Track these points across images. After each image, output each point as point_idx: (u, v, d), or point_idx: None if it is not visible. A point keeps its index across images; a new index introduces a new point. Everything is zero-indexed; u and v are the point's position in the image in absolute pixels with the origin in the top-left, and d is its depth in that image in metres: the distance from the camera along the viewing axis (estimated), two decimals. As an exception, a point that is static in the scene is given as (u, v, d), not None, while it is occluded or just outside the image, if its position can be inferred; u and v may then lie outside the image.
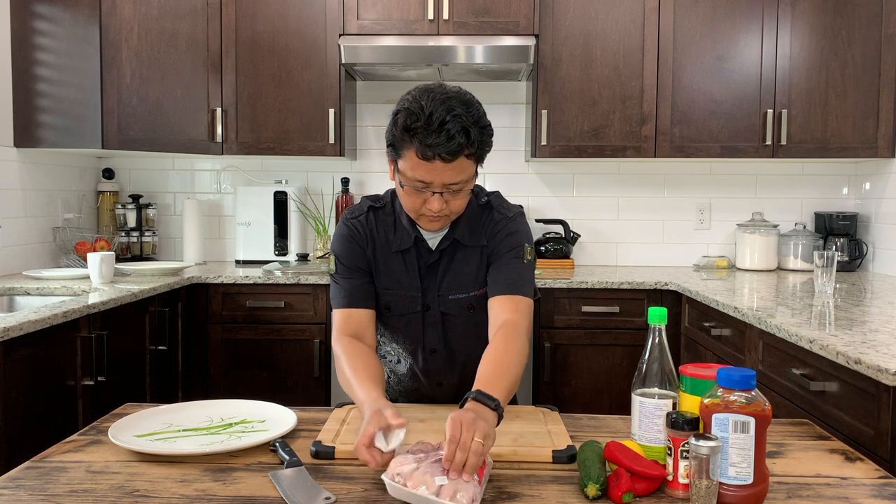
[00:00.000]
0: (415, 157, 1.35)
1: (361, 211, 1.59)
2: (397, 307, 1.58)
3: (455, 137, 1.32)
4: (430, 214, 1.43)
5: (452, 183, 1.38)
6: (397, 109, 1.38)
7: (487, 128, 1.39)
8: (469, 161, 1.38)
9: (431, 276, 1.56)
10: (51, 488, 1.09)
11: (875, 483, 1.13)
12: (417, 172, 1.37)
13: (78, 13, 2.93)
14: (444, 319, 1.58)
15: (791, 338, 1.80)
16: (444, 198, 1.40)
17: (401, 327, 1.61)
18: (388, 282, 1.57)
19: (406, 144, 1.36)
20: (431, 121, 1.32)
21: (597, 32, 3.19)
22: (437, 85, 1.40)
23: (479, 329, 1.59)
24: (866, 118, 3.14)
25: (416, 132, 1.33)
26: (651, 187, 3.61)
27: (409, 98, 1.38)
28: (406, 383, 1.69)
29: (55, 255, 3.23)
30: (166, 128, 3.15)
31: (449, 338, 1.60)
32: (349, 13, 3.20)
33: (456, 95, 1.37)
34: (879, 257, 3.31)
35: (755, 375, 1.05)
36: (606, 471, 1.10)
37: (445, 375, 1.65)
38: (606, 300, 2.97)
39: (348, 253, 1.56)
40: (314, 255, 3.52)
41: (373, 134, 3.64)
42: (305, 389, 3.02)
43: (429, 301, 1.57)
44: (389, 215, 1.57)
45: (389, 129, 1.40)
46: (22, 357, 1.93)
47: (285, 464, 1.16)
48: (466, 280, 1.56)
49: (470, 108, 1.36)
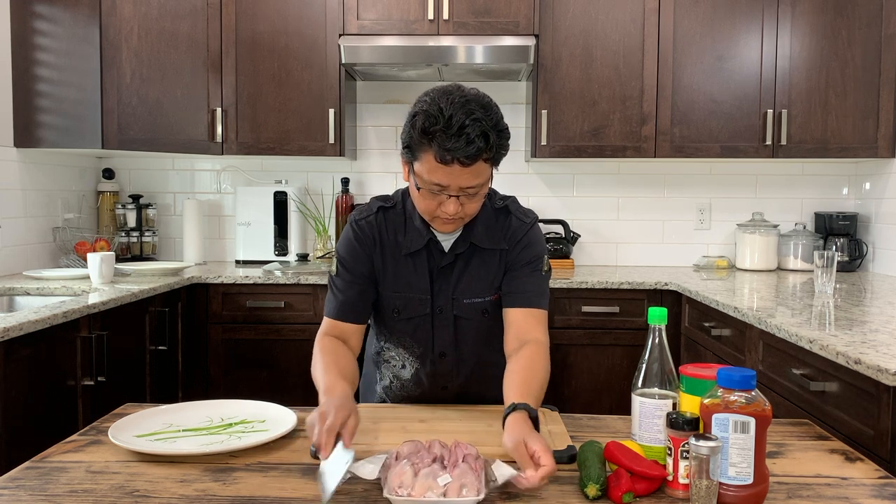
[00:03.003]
0: (433, 161, 1.34)
1: (371, 211, 1.57)
2: (406, 310, 1.56)
3: (474, 142, 1.31)
4: (444, 217, 1.42)
5: (469, 186, 1.37)
6: (415, 111, 1.37)
7: (505, 131, 1.38)
8: (486, 165, 1.37)
9: (444, 279, 1.54)
10: (51, 488, 1.09)
11: (875, 483, 1.13)
12: (435, 176, 1.36)
13: (78, 13, 2.93)
14: (456, 323, 1.57)
15: (791, 338, 1.80)
16: (461, 201, 1.39)
17: (409, 330, 1.59)
18: (397, 285, 1.55)
19: (424, 147, 1.35)
20: (451, 124, 1.31)
21: (597, 32, 3.19)
22: (454, 87, 1.38)
23: (490, 333, 1.59)
24: (866, 118, 3.14)
25: (434, 135, 1.32)
26: (651, 187, 3.61)
27: (426, 100, 1.36)
28: (409, 388, 1.66)
29: (55, 255, 3.23)
30: (166, 128, 3.15)
31: (460, 341, 1.59)
32: (349, 13, 3.20)
33: (475, 98, 1.36)
34: (879, 257, 3.31)
35: (755, 375, 1.05)
36: (606, 471, 1.10)
37: (452, 379, 1.63)
38: (606, 300, 2.97)
39: (352, 258, 1.55)
40: (314, 255, 3.53)
41: (373, 134, 3.64)
42: (305, 389, 3.00)
43: (440, 304, 1.55)
44: (400, 216, 1.55)
45: (406, 131, 1.38)
46: (22, 357, 1.93)
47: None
48: (483, 285, 1.54)
49: (489, 112, 1.35)
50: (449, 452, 1.12)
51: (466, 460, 1.09)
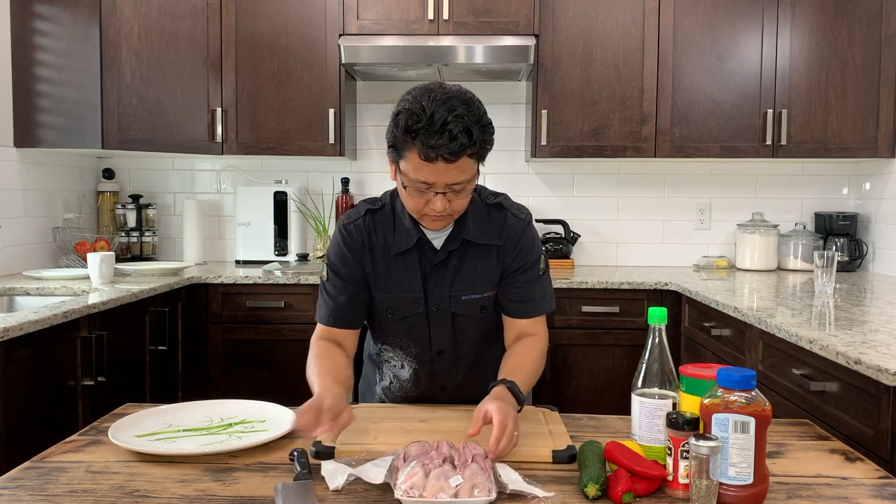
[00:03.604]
0: (417, 159, 1.35)
1: (358, 215, 1.57)
2: (399, 310, 1.57)
3: (457, 138, 1.32)
4: (432, 214, 1.43)
5: (455, 183, 1.38)
6: (398, 110, 1.37)
7: (488, 126, 1.39)
8: (471, 160, 1.38)
9: (438, 277, 1.55)
10: (51, 488, 1.09)
11: (875, 483, 1.13)
12: (420, 173, 1.37)
13: (78, 13, 2.93)
14: (454, 320, 1.57)
15: (791, 338, 1.80)
16: (448, 197, 1.40)
17: (404, 330, 1.59)
18: (389, 285, 1.55)
19: (408, 146, 1.35)
20: (433, 121, 1.31)
21: (597, 32, 3.19)
22: (436, 84, 1.39)
23: (488, 330, 1.60)
24: (866, 118, 3.14)
25: (417, 133, 1.32)
26: (651, 187, 3.61)
27: (409, 98, 1.37)
28: (408, 388, 1.66)
29: (55, 255, 3.23)
30: (166, 128, 3.15)
31: (458, 339, 1.60)
32: (349, 13, 3.20)
33: (457, 95, 1.36)
34: (879, 257, 3.31)
35: (755, 375, 1.05)
36: (606, 471, 1.10)
37: (450, 377, 1.64)
38: (606, 300, 2.97)
39: (341, 262, 1.56)
40: (314, 255, 3.52)
41: (373, 134, 3.64)
42: (305, 389, 3.00)
43: (437, 302, 1.56)
44: (388, 217, 1.56)
45: (390, 131, 1.39)
46: (22, 357, 1.93)
47: (294, 476, 1.13)
48: (480, 281, 1.55)
49: (471, 108, 1.36)
50: (458, 453, 1.12)
51: (476, 460, 1.09)
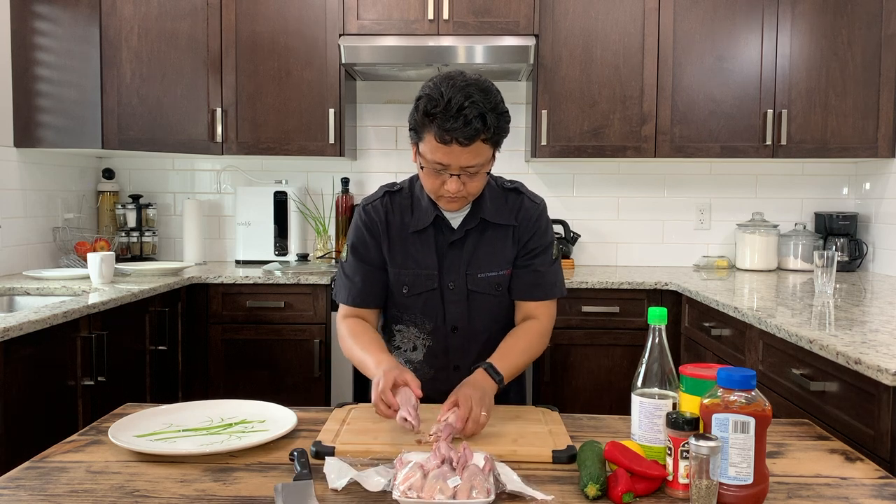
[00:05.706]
0: (434, 141, 1.44)
1: (377, 196, 1.68)
2: (415, 286, 1.64)
3: (472, 122, 1.40)
4: (448, 195, 1.51)
5: (469, 166, 1.46)
6: (420, 95, 1.47)
7: (504, 114, 1.48)
8: (486, 145, 1.46)
9: (455, 254, 1.62)
10: (51, 488, 1.09)
11: (875, 483, 1.13)
12: (436, 155, 1.45)
13: (78, 13, 2.93)
14: (470, 297, 1.64)
15: (791, 338, 1.80)
16: (462, 179, 1.48)
17: (419, 306, 1.66)
18: (405, 261, 1.64)
19: (426, 128, 1.44)
20: (450, 106, 1.40)
21: (597, 32, 3.19)
22: (458, 73, 1.48)
23: (502, 308, 1.68)
24: (866, 118, 3.14)
25: (435, 117, 1.41)
26: (651, 187, 3.61)
27: (430, 85, 1.46)
28: (423, 371, 1.69)
29: (55, 255, 3.23)
30: (166, 128, 3.15)
31: (473, 316, 1.66)
32: (349, 13, 3.19)
33: (475, 83, 1.45)
34: (879, 257, 3.31)
35: (755, 375, 1.05)
36: (606, 471, 1.10)
37: (463, 356, 1.67)
38: (606, 300, 2.97)
39: (361, 242, 1.65)
40: (314, 255, 3.53)
41: (373, 134, 3.64)
42: (305, 389, 3.02)
43: (452, 278, 1.63)
44: (406, 198, 1.65)
45: (411, 114, 1.48)
46: (22, 357, 1.93)
47: (294, 476, 1.12)
48: (496, 260, 1.63)
49: (488, 95, 1.44)
50: (457, 454, 1.12)
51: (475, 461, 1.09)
